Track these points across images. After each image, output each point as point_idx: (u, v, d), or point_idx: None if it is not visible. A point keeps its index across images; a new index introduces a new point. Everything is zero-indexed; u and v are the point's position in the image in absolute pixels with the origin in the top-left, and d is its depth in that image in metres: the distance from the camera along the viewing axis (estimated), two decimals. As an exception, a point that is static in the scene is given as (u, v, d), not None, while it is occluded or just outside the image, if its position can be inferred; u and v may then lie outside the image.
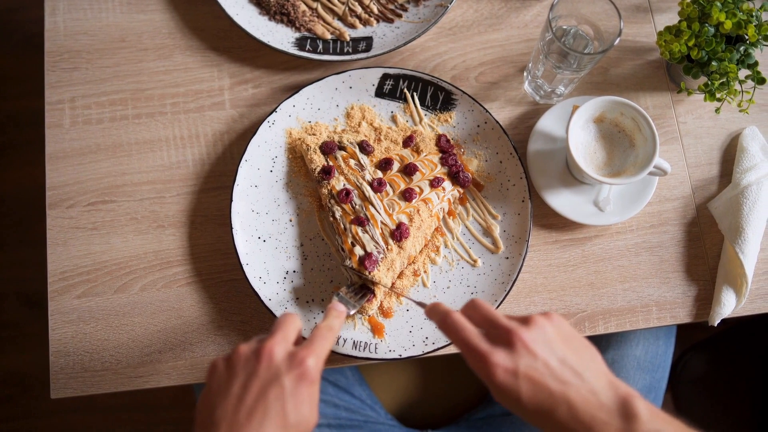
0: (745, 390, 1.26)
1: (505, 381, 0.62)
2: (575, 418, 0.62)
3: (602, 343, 1.06)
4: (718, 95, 0.90)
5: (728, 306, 0.91)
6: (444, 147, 0.94)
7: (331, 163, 0.91)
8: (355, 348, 0.87)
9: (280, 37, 0.98)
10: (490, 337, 0.65)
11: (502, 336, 0.64)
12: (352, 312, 0.84)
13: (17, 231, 1.88)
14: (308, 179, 0.94)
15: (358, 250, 0.86)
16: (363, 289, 0.87)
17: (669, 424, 0.63)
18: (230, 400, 0.63)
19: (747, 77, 0.90)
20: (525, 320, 0.66)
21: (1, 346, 1.82)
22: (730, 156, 0.98)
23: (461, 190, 0.93)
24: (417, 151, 0.93)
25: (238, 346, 0.67)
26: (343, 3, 1.01)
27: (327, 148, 0.92)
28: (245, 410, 0.62)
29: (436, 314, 0.70)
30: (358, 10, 1.01)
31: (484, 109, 0.93)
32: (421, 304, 0.77)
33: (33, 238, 1.86)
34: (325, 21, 1.00)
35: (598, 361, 0.66)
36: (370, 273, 0.85)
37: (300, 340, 0.70)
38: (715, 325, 0.92)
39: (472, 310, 0.69)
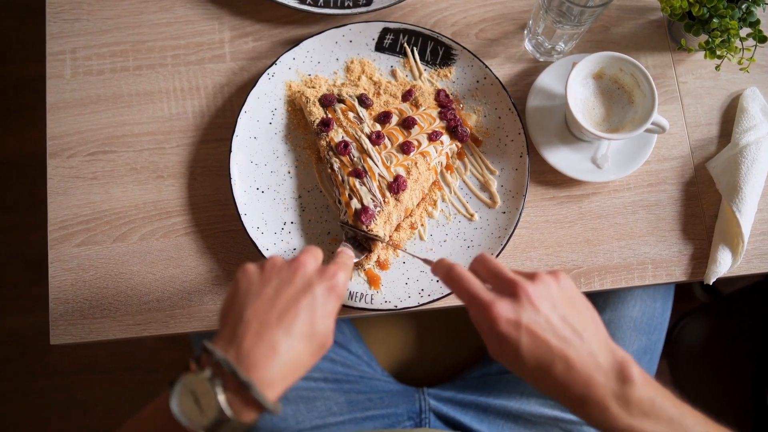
0: (742, 356, 1.26)
1: (506, 331, 0.63)
2: (572, 376, 0.63)
3: (599, 303, 1.06)
4: (718, 52, 0.90)
5: (724, 265, 0.91)
6: (443, 102, 0.94)
7: (330, 116, 0.91)
8: (351, 299, 0.88)
9: (281, -10, 0.98)
10: (495, 289, 0.67)
11: (507, 288, 0.66)
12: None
13: (20, 195, 1.89)
14: (307, 132, 0.94)
15: (355, 203, 0.86)
16: (362, 244, 0.88)
17: (659, 391, 0.64)
18: (263, 301, 0.65)
19: (748, 35, 0.90)
20: (531, 276, 0.67)
21: (1, 307, 1.84)
22: (729, 117, 0.97)
23: (459, 145, 0.93)
24: (416, 105, 0.93)
25: (271, 256, 0.71)
26: (344, -42, 1.01)
27: (326, 101, 0.92)
28: (276, 312, 0.64)
29: (441, 268, 0.72)
30: (360, -35, 1.00)
31: (484, 64, 0.93)
32: (427, 262, 0.78)
33: (35, 201, 1.86)
34: (326, -25, 1.00)
35: (599, 324, 0.68)
36: (367, 228, 0.85)
37: None
38: (711, 283, 0.93)
39: (478, 264, 0.71)
